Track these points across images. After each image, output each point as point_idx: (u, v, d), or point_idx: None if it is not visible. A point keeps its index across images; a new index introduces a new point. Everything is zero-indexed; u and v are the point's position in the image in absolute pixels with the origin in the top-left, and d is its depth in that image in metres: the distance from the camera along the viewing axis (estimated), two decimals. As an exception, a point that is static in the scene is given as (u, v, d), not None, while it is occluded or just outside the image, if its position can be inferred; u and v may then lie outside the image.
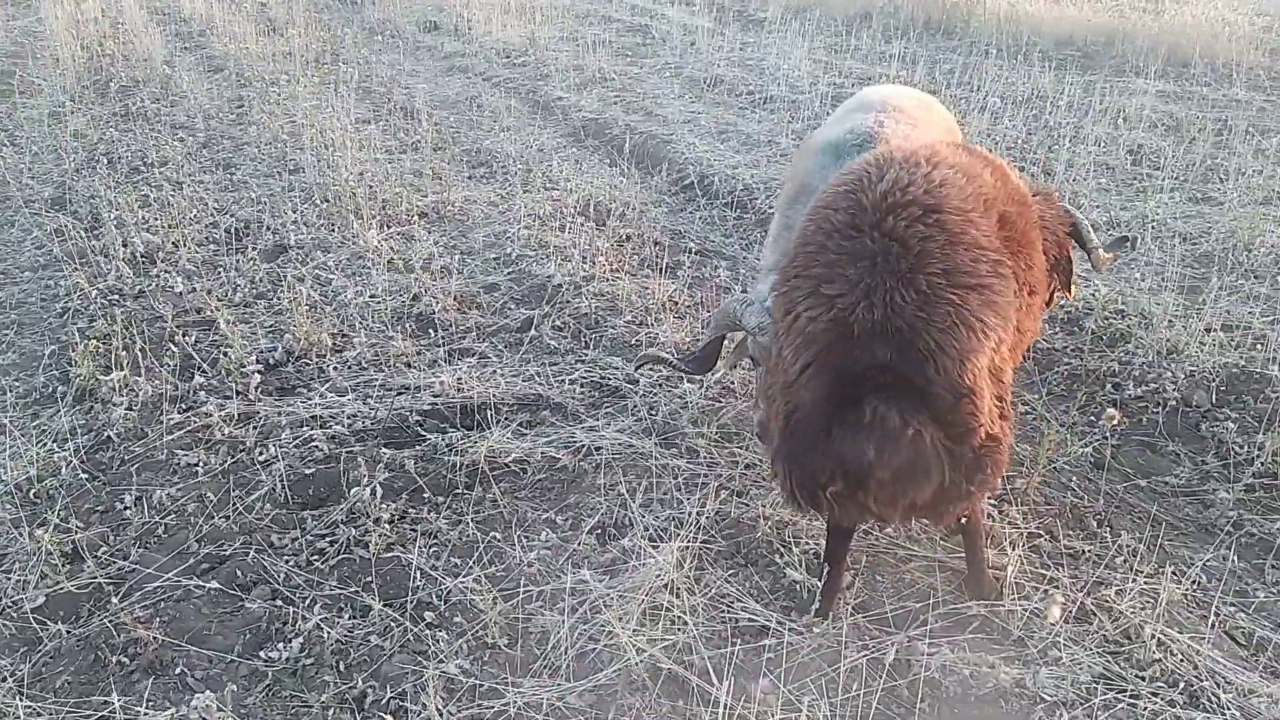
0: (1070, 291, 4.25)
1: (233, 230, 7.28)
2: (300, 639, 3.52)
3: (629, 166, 8.80)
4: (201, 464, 4.49)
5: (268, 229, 7.32)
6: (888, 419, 2.87)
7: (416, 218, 7.57)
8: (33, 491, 4.39)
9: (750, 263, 7.12)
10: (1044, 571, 3.80)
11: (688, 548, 3.86)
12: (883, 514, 3.13)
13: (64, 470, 4.50)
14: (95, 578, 3.83)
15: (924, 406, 2.91)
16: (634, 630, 3.48)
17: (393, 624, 3.59)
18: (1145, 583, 3.66)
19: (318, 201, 7.76)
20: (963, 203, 3.04)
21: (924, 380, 2.91)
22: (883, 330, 2.90)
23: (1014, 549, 3.87)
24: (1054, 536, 4.03)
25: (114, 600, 3.70)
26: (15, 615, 3.68)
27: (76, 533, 4.06)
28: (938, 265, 2.91)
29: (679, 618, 3.56)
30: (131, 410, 4.91)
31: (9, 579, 3.86)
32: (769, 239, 4.33)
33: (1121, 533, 4.06)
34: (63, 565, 3.84)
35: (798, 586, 3.75)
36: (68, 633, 3.58)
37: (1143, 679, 3.28)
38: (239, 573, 3.85)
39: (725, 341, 4.09)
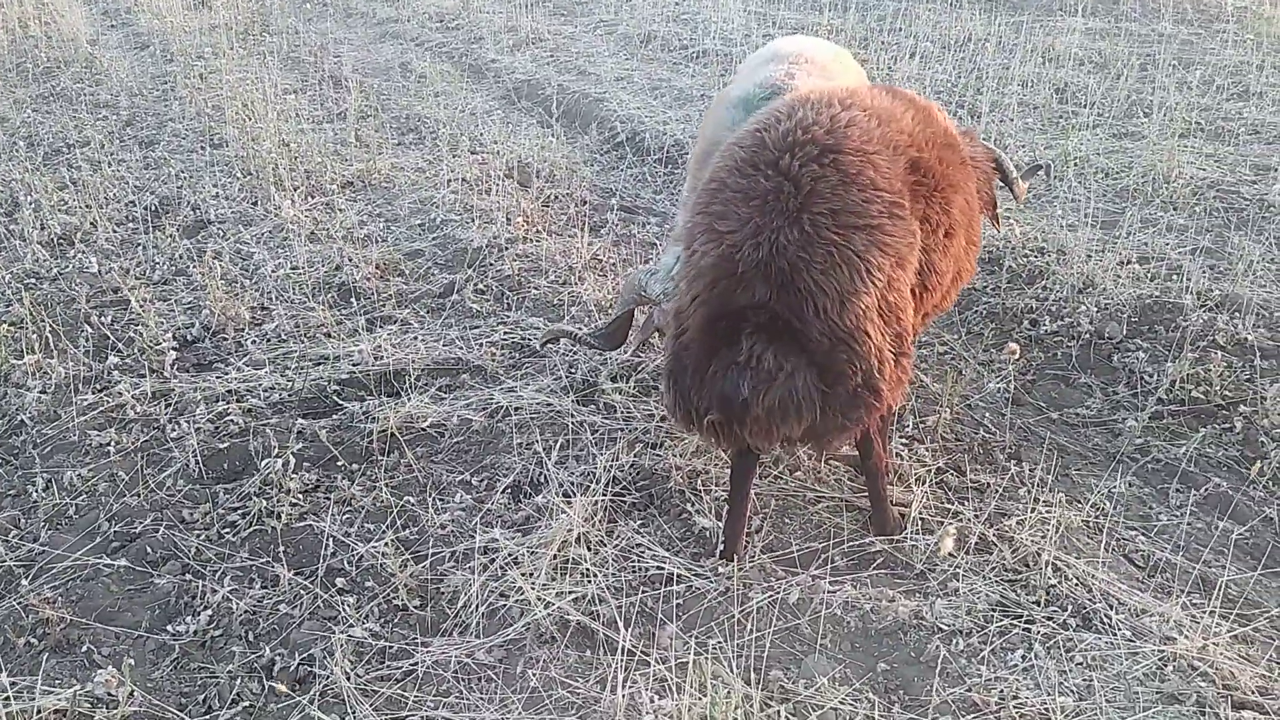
0: (998, 224, 4.32)
1: (152, 208, 7.18)
2: (209, 611, 3.52)
3: (559, 127, 8.74)
4: (114, 443, 4.45)
5: (188, 205, 7.23)
6: (763, 360, 2.93)
7: (340, 187, 7.50)
8: (-57, 479, 4.35)
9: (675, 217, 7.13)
10: (949, 506, 3.86)
11: (598, 501, 3.88)
12: (758, 445, 3.24)
13: (-26, 456, 4.46)
14: (4, 561, 3.80)
15: (800, 348, 2.96)
16: (543, 585, 3.50)
17: (302, 591, 3.60)
18: (1045, 511, 3.72)
19: (239, 175, 7.66)
20: (865, 144, 3.07)
21: (800, 321, 2.94)
22: (765, 269, 2.95)
23: (920, 485, 3.92)
24: (961, 471, 4.08)
25: (23, 583, 3.68)
26: (-78, 603, 3.66)
27: (-14, 519, 4.03)
28: (825, 205, 2.95)
29: (589, 570, 3.58)
30: (45, 393, 4.86)
31: (-84, 567, 3.83)
32: (681, 203, 4.32)
33: (1025, 464, 4.12)
34: (-32, 551, 3.81)
35: (707, 533, 3.78)
36: (-25, 617, 3.56)
37: (1037, 604, 3.35)
38: (149, 549, 3.83)
39: (636, 316, 4.09)
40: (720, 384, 3.04)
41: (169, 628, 3.47)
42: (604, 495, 3.87)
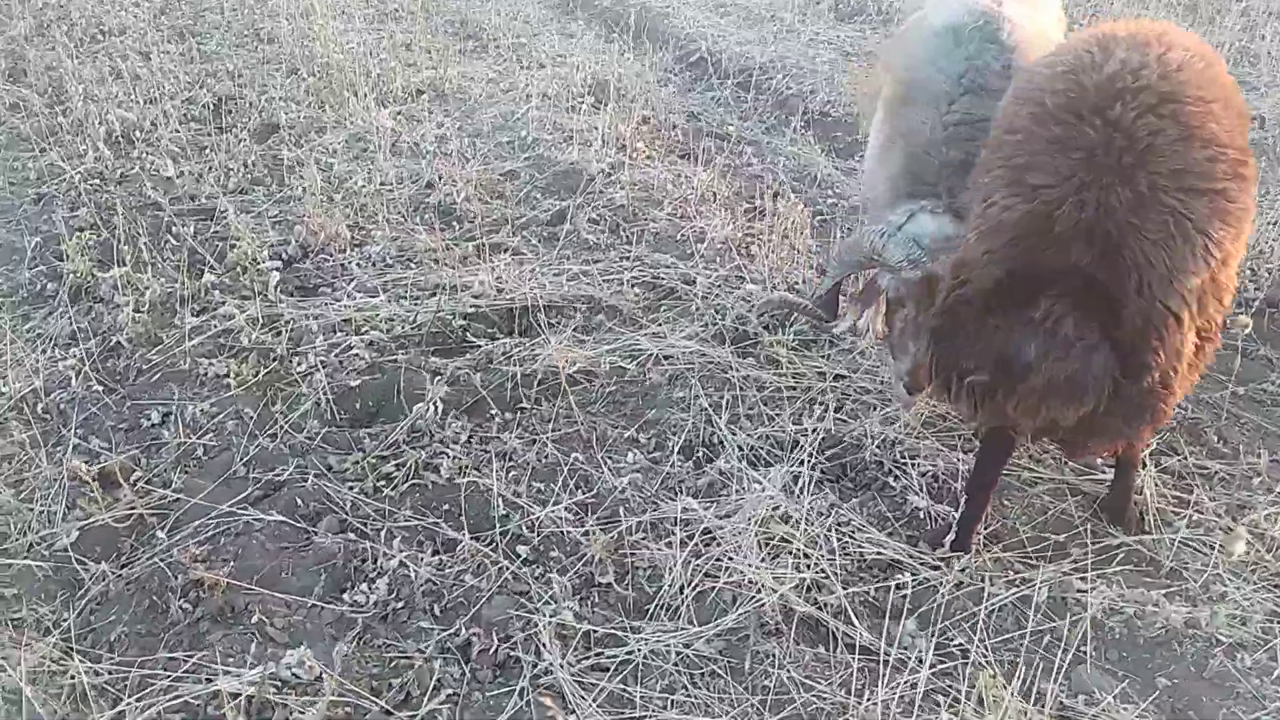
0: None
1: (211, 106, 6.62)
2: (385, 579, 3.13)
3: (634, 42, 8.20)
4: (232, 374, 4.01)
5: (252, 106, 6.67)
6: (1062, 323, 2.59)
7: (415, 95, 6.97)
8: (40, 406, 3.90)
9: (774, 147, 6.70)
10: (1181, 494, 3.54)
11: (798, 473, 3.53)
12: (1018, 422, 2.86)
13: (74, 381, 4.00)
14: (134, 508, 3.39)
15: (1106, 323, 2.60)
16: (753, 566, 3.16)
17: (485, 560, 3.22)
18: (1296, 508, 3.42)
19: (304, 76, 7.09)
20: (1202, 91, 2.67)
21: (1120, 293, 2.58)
22: (1088, 231, 2.59)
23: (1143, 468, 3.59)
24: (1179, 454, 3.76)
25: (160, 534, 3.27)
26: (48, 554, 3.24)
27: (102, 456, 3.60)
28: (1165, 164, 2.57)
29: (800, 550, 3.23)
30: (139, 312, 4.39)
31: (32, 510, 3.40)
32: (874, 150, 3.87)
33: (1240, 447, 3.82)
34: (99, 495, 3.38)
35: (921, 515, 3.45)
36: (114, 574, 3.15)
37: (1324, 618, 3.06)
38: (299, 501, 3.43)
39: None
40: (999, 338, 2.68)
41: (345, 596, 3.09)
42: (809, 467, 3.50)
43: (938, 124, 3.45)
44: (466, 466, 3.60)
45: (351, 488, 3.51)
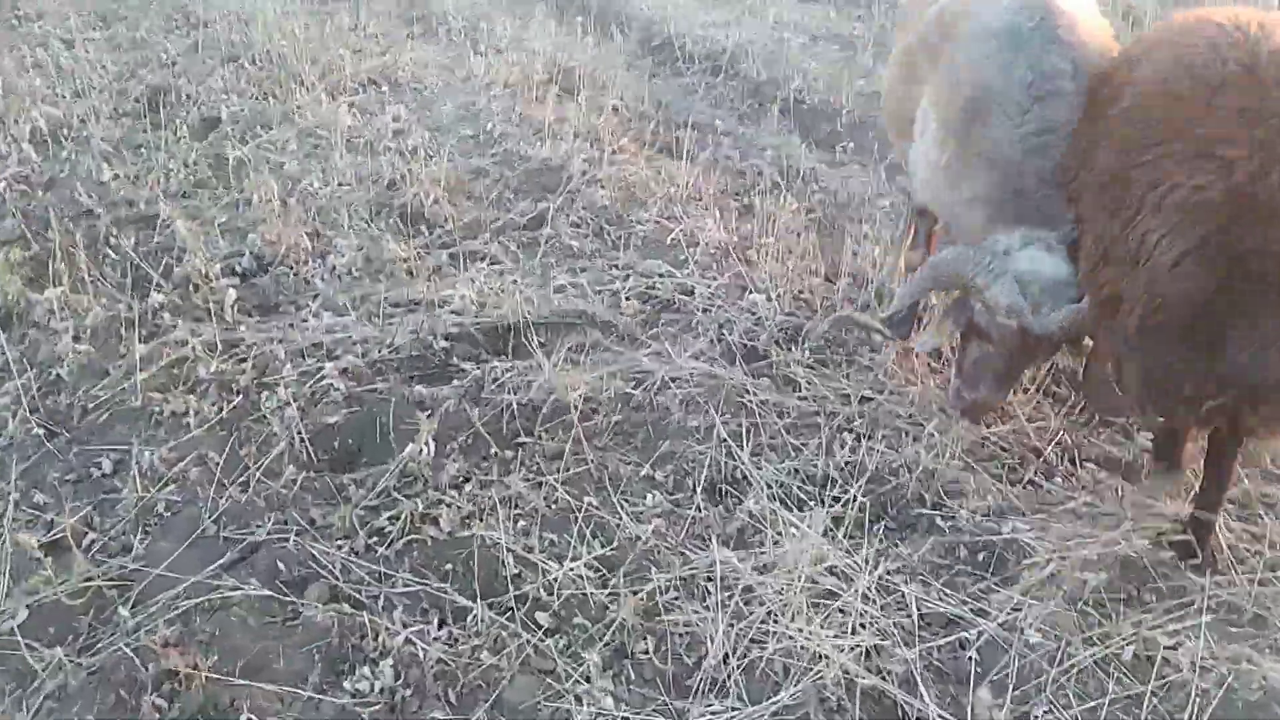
0: None
1: (144, 100, 6.08)
2: (390, 660, 2.73)
3: (594, 25, 7.79)
4: (193, 412, 3.57)
5: (189, 99, 6.15)
6: None
7: (367, 84, 6.50)
8: (-28, 455, 3.43)
9: (751, 138, 6.37)
10: (1249, 528, 3.28)
11: (829, 512, 3.20)
12: (1266, 429, 2.73)
13: (11, 423, 3.52)
14: (91, 579, 2.94)
15: None
16: (803, 630, 2.82)
17: (502, 632, 2.84)
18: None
19: (245, 64, 6.57)
20: None
21: None
22: None
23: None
24: (1239, 480, 3.50)
25: (122, 611, 2.83)
26: (-7, 639, 2.79)
27: (49, 514, 3.14)
28: None
29: (852, 608, 2.91)
30: (80, 340, 3.91)
31: (-30, 585, 2.95)
32: (935, 164, 3.49)
33: (1295, 470, 3.58)
34: (49, 567, 2.92)
35: (979, 558, 3.14)
36: (73, 662, 2.71)
37: None
38: (280, 565, 3.00)
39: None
40: (1242, 360, 2.45)
41: (345, 684, 2.68)
42: (855, 508, 3.17)
43: (1013, 137, 3.15)
44: (469, 517, 3.20)
45: (340, 546, 3.09)
